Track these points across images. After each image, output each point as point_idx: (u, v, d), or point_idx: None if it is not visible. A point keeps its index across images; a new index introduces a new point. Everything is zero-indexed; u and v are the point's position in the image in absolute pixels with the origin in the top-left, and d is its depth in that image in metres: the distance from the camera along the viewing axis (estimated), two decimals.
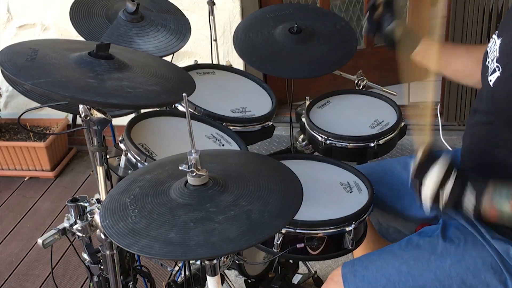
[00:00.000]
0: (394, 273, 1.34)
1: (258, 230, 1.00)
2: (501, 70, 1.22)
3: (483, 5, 2.75)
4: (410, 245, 1.39)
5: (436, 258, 1.33)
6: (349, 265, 1.40)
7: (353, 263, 1.40)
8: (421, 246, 1.37)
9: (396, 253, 1.38)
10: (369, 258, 1.41)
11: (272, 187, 1.11)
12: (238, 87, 1.87)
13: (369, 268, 1.37)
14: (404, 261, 1.35)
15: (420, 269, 1.33)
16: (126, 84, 1.22)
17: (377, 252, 1.42)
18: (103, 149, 1.34)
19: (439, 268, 1.31)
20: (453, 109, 3.01)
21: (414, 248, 1.38)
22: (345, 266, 1.41)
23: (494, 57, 1.27)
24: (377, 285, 1.34)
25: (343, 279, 1.37)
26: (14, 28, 3.15)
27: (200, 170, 1.06)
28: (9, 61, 1.19)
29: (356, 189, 1.53)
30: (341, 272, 1.39)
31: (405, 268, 1.34)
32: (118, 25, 1.72)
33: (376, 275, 1.36)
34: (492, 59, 1.27)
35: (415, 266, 1.34)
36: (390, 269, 1.35)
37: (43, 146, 3.13)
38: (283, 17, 1.87)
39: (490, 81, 1.25)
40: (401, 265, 1.35)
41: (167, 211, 1.04)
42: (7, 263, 2.60)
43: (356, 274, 1.37)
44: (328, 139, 1.68)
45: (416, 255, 1.36)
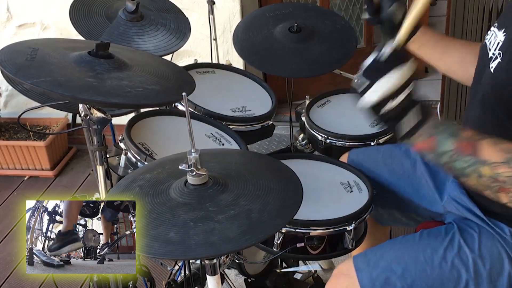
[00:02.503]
0: (410, 262, 1.31)
1: (258, 229, 1.00)
2: (502, 56, 1.21)
3: (483, 4, 2.75)
4: (426, 236, 1.36)
5: (452, 247, 1.31)
6: (361, 256, 1.36)
7: (365, 254, 1.37)
8: (437, 237, 1.35)
9: (412, 243, 1.35)
10: (382, 248, 1.37)
11: (272, 187, 1.11)
12: (238, 86, 1.87)
13: (384, 257, 1.34)
14: (420, 249, 1.32)
15: (438, 258, 1.30)
16: (126, 84, 1.22)
17: (390, 242, 1.39)
18: (103, 148, 1.34)
19: (457, 257, 1.29)
20: (453, 108, 3.01)
21: (430, 238, 1.35)
22: (357, 257, 1.37)
23: (493, 46, 1.25)
24: (392, 275, 1.30)
25: (356, 269, 1.32)
26: (14, 27, 3.15)
27: (200, 170, 1.06)
28: (9, 60, 1.18)
29: (356, 189, 1.53)
30: (352, 263, 1.34)
31: (422, 257, 1.31)
32: (118, 24, 1.72)
33: (390, 263, 1.32)
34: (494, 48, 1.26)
35: (432, 254, 1.31)
36: (407, 258, 1.32)
37: (43, 146, 3.13)
38: (283, 16, 1.86)
39: (492, 68, 1.23)
40: (417, 254, 1.32)
41: (166, 210, 1.04)
42: (7, 263, 2.60)
43: (370, 263, 1.33)
44: (328, 138, 1.68)
45: (433, 245, 1.33)
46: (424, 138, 1.09)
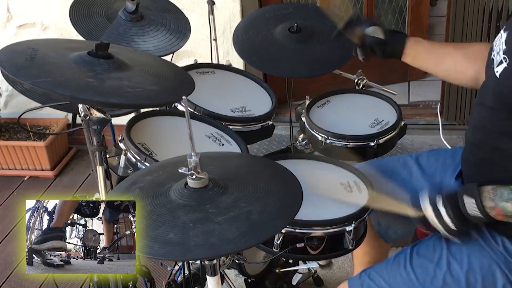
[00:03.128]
0: (402, 283, 1.35)
1: (257, 231, 1.01)
2: (508, 61, 1.22)
3: (483, 5, 2.75)
4: (415, 255, 1.39)
5: (443, 264, 1.33)
6: (355, 278, 1.42)
7: (360, 276, 1.42)
8: (426, 255, 1.37)
9: (403, 263, 1.39)
10: (375, 269, 1.42)
11: (271, 189, 1.11)
12: (238, 86, 1.87)
13: (376, 280, 1.38)
14: (411, 270, 1.36)
15: (429, 277, 1.33)
16: (125, 84, 1.22)
17: (384, 264, 1.43)
18: (102, 149, 1.34)
19: (447, 274, 1.31)
20: (453, 109, 3.00)
21: (420, 257, 1.38)
22: (352, 279, 1.43)
23: (500, 50, 1.27)
24: None
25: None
26: (14, 27, 3.15)
27: (200, 173, 1.06)
28: (9, 60, 1.18)
29: (356, 189, 1.53)
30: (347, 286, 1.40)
31: (413, 277, 1.35)
32: (118, 25, 1.72)
33: (383, 285, 1.37)
34: (498, 52, 1.28)
35: (423, 273, 1.34)
36: (398, 278, 1.36)
37: (43, 146, 3.13)
38: (283, 17, 1.86)
39: (497, 72, 1.25)
40: (409, 274, 1.35)
41: (166, 212, 1.04)
42: (7, 263, 2.60)
43: (363, 284, 1.39)
44: (328, 138, 1.68)
45: (422, 264, 1.36)
46: (493, 211, 1.23)
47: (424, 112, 3.21)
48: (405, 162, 1.63)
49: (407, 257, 1.39)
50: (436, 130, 2.96)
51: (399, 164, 1.65)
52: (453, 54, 1.52)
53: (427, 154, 1.64)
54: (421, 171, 1.59)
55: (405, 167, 1.62)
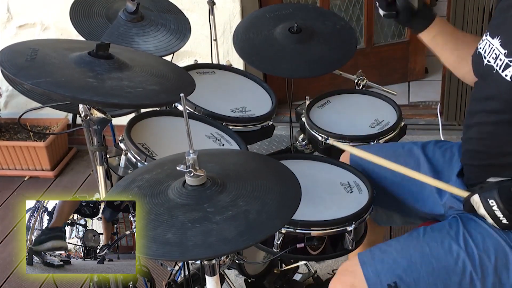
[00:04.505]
0: (415, 255, 1.31)
1: (256, 230, 1.00)
2: None
3: (483, 5, 2.75)
4: (430, 230, 1.37)
5: (458, 240, 1.31)
6: (365, 252, 1.37)
7: (370, 250, 1.37)
8: (441, 230, 1.35)
9: (417, 237, 1.36)
10: (387, 243, 1.38)
11: (270, 187, 1.11)
12: (238, 86, 1.87)
13: (388, 251, 1.34)
14: (426, 243, 1.33)
15: (443, 251, 1.31)
16: (126, 84, 1.22)
17: (395, 238, 1.39)
18: (103, 149, 1.35)
19: (462, 250, 1.30)
20: (453, 109, 3.01)
21: (434, 232, 1.36)
22: (361, 253, 1.37)
23: (498, 55, 1.26)
24: (397, 268, 1.30)
25: (361, 263, 1.32)
26: (14, 27, 3.15)
27: (198, 171, 1.06)
28: (9, 60, 1.19)
29: (356, 189, 1.53)
30: (357, 260, 1.34)
31: (427, 249, 1.31)
32: (118, 25, 1.72)
33: (396, 257, 1.32)
34: (495, 57, 1.27)
35: (437, 247, 1.31)
36: (412, 250, 1.32)
37: (43, 146, 3.13)
38: (283, 17, 1.87)
39: (506, 76, 1.23)
40: (423, 247, 1.32)
41: (165, 211, 1.04)
42: (7, 263, 2.60)
43: (375, 257, 1.33)
44: (328, 138, 1.68)
45: (437, 238, 1.33)
46: None
47: (424, 113, 3.21)
48: (410, 150, 1.60)
49: (420, 231, 1.36)
50: (436, 130, 2.97)
51: (403, 152, 1.61)
52: (472, 45, 1.47)
53: (433, 145, 1.60)
54: (428, 163, 1.56)
55: (411, 156, 1.58)
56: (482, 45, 1.33)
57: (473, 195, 1.29)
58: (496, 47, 1.27)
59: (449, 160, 1.56)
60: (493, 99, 1.31)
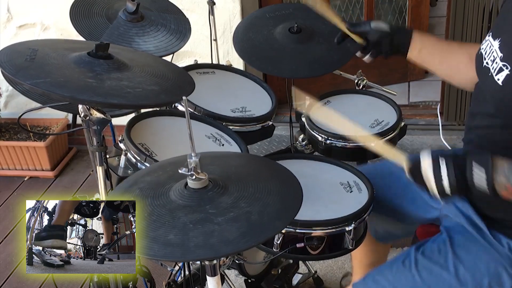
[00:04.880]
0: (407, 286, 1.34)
1: (257, 231, 1.01)
2: (510, 68, 1.21)
3: (483, 5, 2.75)
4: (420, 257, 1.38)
5: (448, 268, 1.32)
6: (360, 282, 1.41)
7: (364, 280, 1.41)
8: (432, 257, 1.36)
9: (408, 265, 1.37)
10: (380, 271, 1.41)
11: (271, 189, 1.11)
12: (238, 87, 1.87)
13: (381, 282, 1.37)
14: (417, 272, 1.35)
15: (435, 279, 1.32)
16: (125, 84, 1.22)
17: (388, 266, 1.42)
18: (102, 149, 1.34)
19: (453, 277, 1.31)
20: (453, 109, 3.00)
21: (425, 259, 1.37)
22: (356, 284, 1.41)
23: (496, 57, 1.25)
24: None
25: None
26: (14, 27, 3.15)
27: (200, 174, 1.06)
28: (9, 61, 1.19)
29: (356, 189, 1.53)
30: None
31: (419, 280, 1.34)
32: (118, 25, 1.72)
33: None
34: (493, 60, 1.26)
35: (428, 278, 1.33)
36: (404, 281, 1.35)
37: (43, 146, 3.13)
38: (283, 17, 1.86)
39: (498, 80, 1.22)
40: (414, 277, 1.34)
41: (166, 212, 1.04)
42: (7, 263, 2.60)
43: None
44: (328, 138, 1.68)
45: (428, 266, 1.35)
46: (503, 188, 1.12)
47: (424, 113, 3.21)
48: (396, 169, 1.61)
49: (411, 259, 1.38)
50: (436, 131, 2.97)
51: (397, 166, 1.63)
52: (458, 52, 1.50)
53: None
54: None
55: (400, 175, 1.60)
56: (484, 46, 1.32)
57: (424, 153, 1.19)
58: (495, 49, 1.26)
59: None
60: (488, 102, 1.31)
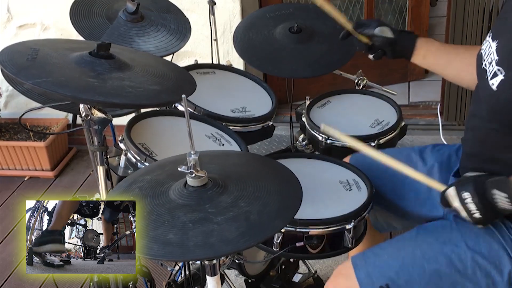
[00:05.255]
0: (407, 257, 1.32)
1: (257, 231, 1.01)
2: (504, 73, 1.20)
3: (483, 5, 2.75)
4: (422, 231, 1.37)
5: (450, 242, 1.31)
6: (359, 254, 1.38)
7: (363, 253, 1.37)
8: (434, 231, 1.35)
9: (408, 239, 1.36)
10: (380, 246, 1.38)
11: (271, 188, 1.12)
12: (238, 87, 1.87)
13: (380, 254, 1.35)
14: (417, 245, 1.33)
15: (434, 253, 1.30)
16: (126, 84, 1.22)
17: (388, 241, 1.40)
18: (103, 149, 1.35)
19: (454, 252, 1.29)
20: (453, 109, 3.01)
21: (426, 233, 1.36)
22: (355, 256, 1.38)
23: (492, 60, 1.25)
24: (389, 270, 1.31)
25: (354, 266, 1.33)
26: (14, 27, 3.15)
27: (199, 172, 1.06)
28: (10, 60, 1.19)
29: (355, 187, 1.53)
30: (351, 262, 1.35)
31: (419, 252, 1.31)
32: (118, 25, 1.72)
33: (388, 260, 1.33)
34: (490, 62, 1.26)
35: (429, 249, 1.31)
36: (403, 253, 1.33)
37: (43, 146, 3.13)
38: (283, 17, 1.87)
39: (493, 85, 1.22)
40: (414, 249, 1.32)
41: (166, 212, 1.04)
42: (7, 263, 2.60)
43: (367, 260, 1.34)
44: (328, 138, 1.68)
45: (429, 240, 1.33)
46: None
47: (424, 113, 3.21)
48: (408, 156, 1.60)
49: (413, 234, 1.37)
50: (436, 131, 2.97)
51: (402, 157, 1.62)
52: (464, 55, 1.50)
53: (431, 148, 1.61)
54: (425, 166, 1.56)
55: (409, 161, 1.59)
56: (484, 46, 1.32)
57: (448, 188, 1.27)
58: (493, 52, 1.26)
59: (447, 161, 1.56)
60: (481, 104, 1.30)
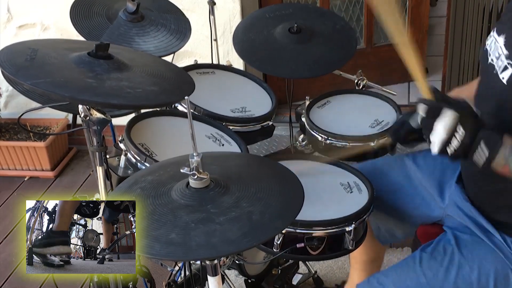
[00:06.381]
0: (412, 286, 1.33)
1: (259, 231, 1.01)
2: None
3: (483, 5, 2.75)
4: (425, 257, 1.37)
5: (454, 267, 1.31)
6: (364, 283, 1.40)
7: (368, 281, 1.39)
8: (437, 257, 1.35)
9: (412, 265, 1.37)
10: (385, 273, 1.40)
11: (273, 189, 1.12)
12: (238, 87, 1.87)
13: (386, 284, 1.36)
14: (421, 272, 1.34)
15: (439, 280, 1.31)
16: (125, 84, 1.22)
17: (392, 268, 1.41)
18: (102, 149, 1.35)
19: (459, 277, 1.30)
20: None
21: (430, 259, 1.36)
22: (360, 285, 1.40)
23: (500, 55, 1.24)
24: None
25: None
26: (14, 28, 3.15)
27: (201, 173, 1.07)
28: (9, 61, 1.19)
29: (356, 189, 1.53)
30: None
31: (423, 280, 1.32)
32: (118, 25, 1.72)
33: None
34: (498, 57, 1.25)
35: (434, 277, 1.32)
36: (408, 282, 1.34)
37: (43, 146, 3.13)
38: (283, 17, 1.86)
39: (503, 79, 1.21)
40: (418, 277, 1.33)
41: (168, 212, 1.04)
42: (7, 263, 2.60)
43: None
44: (328, 139, 1.68)
45: (433, 266, 1.34)
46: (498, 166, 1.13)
47: None
48: (402, 163, 1.62)
49: (416, 259, 1.37)
50: None
51: (396, 165, 1.63)
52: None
53: (423, 154, 1.61)
54: (420, 171, 1.57)
55: (403, 168, 1.60)
56: (489, 42, 1.31)
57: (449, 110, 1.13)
58: (500, 46, 1.25)
59: (441, 163, 1.55)
60: (488, 101, 1.30)
